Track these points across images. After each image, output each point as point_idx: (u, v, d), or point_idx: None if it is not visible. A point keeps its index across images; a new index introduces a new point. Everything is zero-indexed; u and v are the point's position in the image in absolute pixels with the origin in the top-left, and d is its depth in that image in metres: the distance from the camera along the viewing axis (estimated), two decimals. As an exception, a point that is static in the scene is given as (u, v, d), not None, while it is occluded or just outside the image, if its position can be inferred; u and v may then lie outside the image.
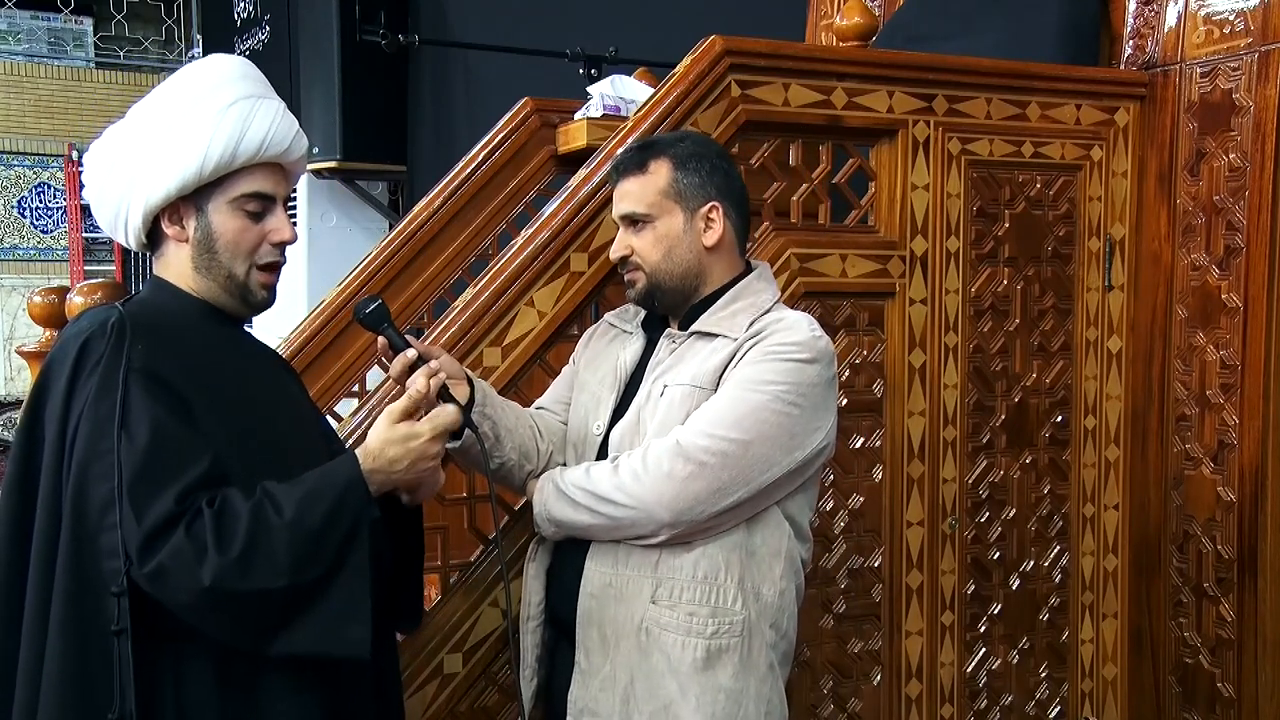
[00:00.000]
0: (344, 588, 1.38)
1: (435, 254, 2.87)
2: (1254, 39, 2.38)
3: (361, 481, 1.42)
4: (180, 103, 1.47)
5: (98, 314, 1.45)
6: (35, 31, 7.88)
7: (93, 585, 1.34)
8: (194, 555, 1.31)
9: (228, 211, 1.48)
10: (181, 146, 1.43)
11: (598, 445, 1.77)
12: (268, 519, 1.35)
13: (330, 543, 1.37)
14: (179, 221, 1.48)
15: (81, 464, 1.35)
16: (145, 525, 1.31)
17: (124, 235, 1.51)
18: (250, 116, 1.47)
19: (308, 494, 1.38)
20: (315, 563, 1.36)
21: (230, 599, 1.33)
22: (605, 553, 1.69)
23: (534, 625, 1.79)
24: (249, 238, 1.49)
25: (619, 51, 3.24)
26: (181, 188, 1.44)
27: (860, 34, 2.42)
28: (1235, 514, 2.44)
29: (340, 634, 1.38)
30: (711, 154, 1.78)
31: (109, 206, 1.50)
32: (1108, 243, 2.59)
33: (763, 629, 1.68)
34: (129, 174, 1.46)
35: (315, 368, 2.78)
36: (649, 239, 1.75)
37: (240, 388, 1.50)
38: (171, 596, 1.33)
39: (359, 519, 1.39)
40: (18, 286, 7.88)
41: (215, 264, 1.49)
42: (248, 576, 1.33)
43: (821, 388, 1.69)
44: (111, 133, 1.51)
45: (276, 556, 1.34)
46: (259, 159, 1.48)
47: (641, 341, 1.83)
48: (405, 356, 1.62)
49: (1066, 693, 2.62)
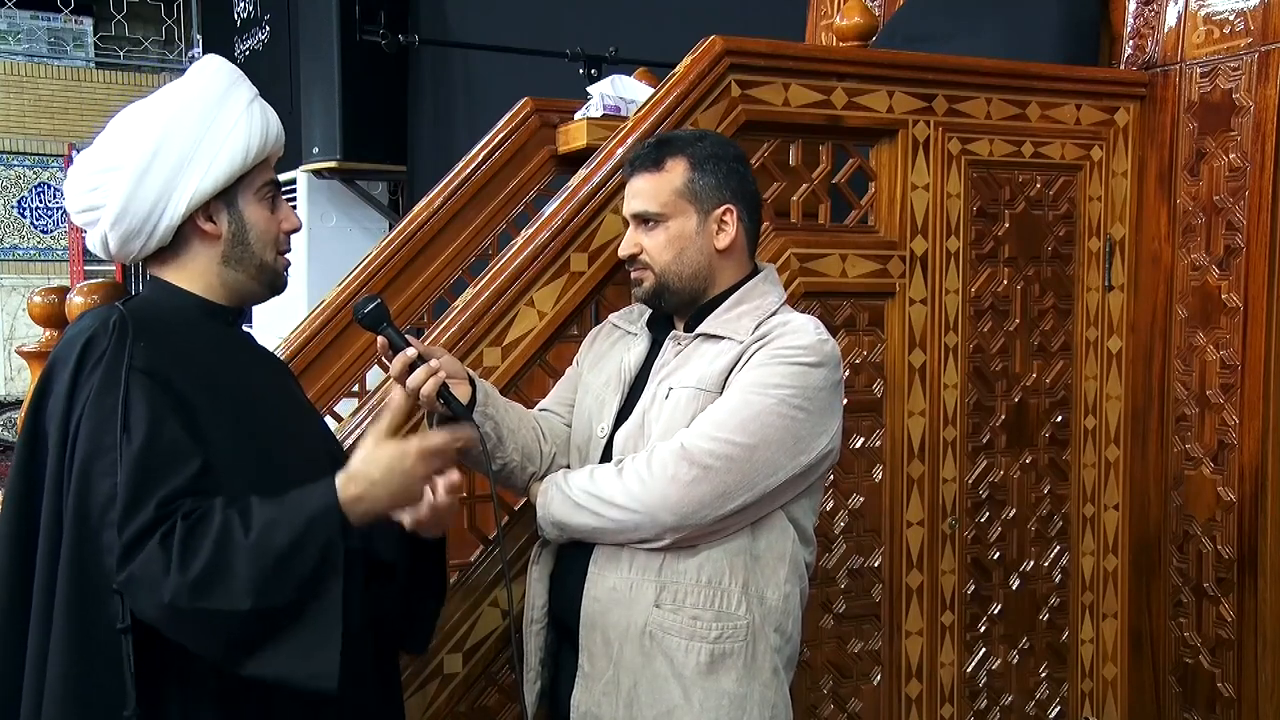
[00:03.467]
0: (314, 618, 1.35)
1: (435, 254, 2.87)
2: (1254, 39, 2.38)
3: (334, 510, 1.37)
4: (208, 101, 1.49)
5: (99, 313, 1.45)
6: (35, 31, 7.88)
7: (96, 583, 1.34)
8: (160, 569, 1.31)
9: (255, 202, 1.53)
10: (224, 140, 1.47)
11: (602, 447, 1.76)
12: (233, 539, 1.32)
13: (296, 570, 1.34)
14: (210, 219, 1.50)
15: (84, 461, 1.35)
16: (125, 535, 1.32)
17: (141, 241, 1.49)
18: (266, 112, 1.54)
19: (274, 518, 1.35)
20: (279, 588, 1.33)
21: (189, 617, 1.32)
22: (609, 556, 1.67)
23: (537, 629, 1.78)
24: (273, 226, 1.55)
25: (619, 51, 3.24)
26: (229, 178, 1.48)
27: (860, 34, 2.42)
28: (1235, 514, 2.44)
29: (305, 665, 1.34)
30: (729, 156, 1.76)
31: (139, 209, 1.47)
32: (1108, 243, 2.59)
33: (767, 633, 1.67)
34: (170, 170, 1.46)
35: (315, 368, 2.78)
36: (660, 239, 1.72)
37: (244, 388, 1.50)
38: (138, 609, 1.33)
39: (328, 548, 1.35)
40: (18, 286, 7.89)
41: (248, 255, 1.53)
42: (205, 597, 1.31)
43: (827, 392, 1.68)
44: (122, 138, 1.49)
45: (237, 579, 1.31)
46: (268, 151, 1.54)
47: (646, 343, 1.82)
48: (405, 355, 1.61)
49: (1066, 693, 2.62)
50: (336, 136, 4.57)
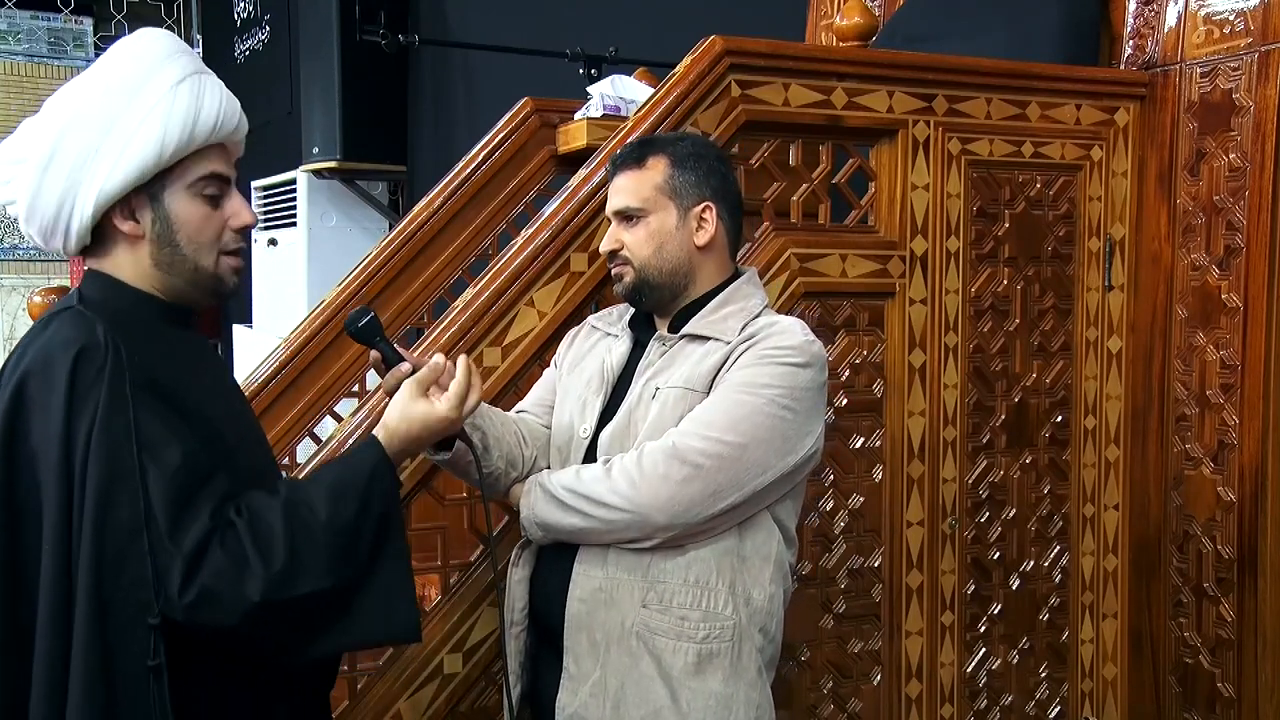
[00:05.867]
0: (386, 573, 1.37)
1: (435, 254, 2.87)
2: (1254, 39, 2.38)
3: (387, 463, 1.41)
4: (122, 84, 1.33)
5: (76, 321, 1.33)
6: (35, 31, 7.88)
7: (120, 619, 1.25)
8: (237, 572, 1.26)
9: (186, 199, 1.36)
10: (136, 129, 1.31)
11: (584, 448, 1.75)
12: (305, 521, 1.32)
13: (367, 533, 1.36)
14: (132, 216, 1.35)
15: (101, 488, 1.25)
16: (185, 549, 1.25)
17: (60, 239, 1.35)
18: (201, 94, 1.35)
19: (336, 488, 1.36)
20: (354, 555, 1.35)
21: (282, 609, 1.30)
22: (594, 557, 1.67)
23: (518, 631, 1.78)
24: (212, 225, 1.39)
25: (619, 51, 3.24)
26: (141, 174, 1.32)
27: (860, 34, 2.42)
28: (1235, 514, 2.44)
29: (390, 619, 1.38)
30: (710, 155, 1.78)
31: (45, 207, 1.34)
32: (1108, 243, 2.59)
33: (752, 633, 1.67)
34: (72, 166, 1.31)
35: (315, 368, 2.78)
36: (641, 234, 1.74)
37: (207, 392, 1.44)
38: (218, 619, 1.27)
39: (389, 502, 1.39)
40: (18, 286, 7.88)
41: (179, 258, 1.38)
42: (296, 583, 1.29)
43: (814, 392, 1.69)
44: (33, 126, 1.35)
45: (319, 558, 1.31)
46: (212, 139, 1.36)
47: (628, 344, 1.82)
48: (399, 371, 1.58)
49: (1066, 693, 2.62)
50: (336, 136, 4.56)
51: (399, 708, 1.93)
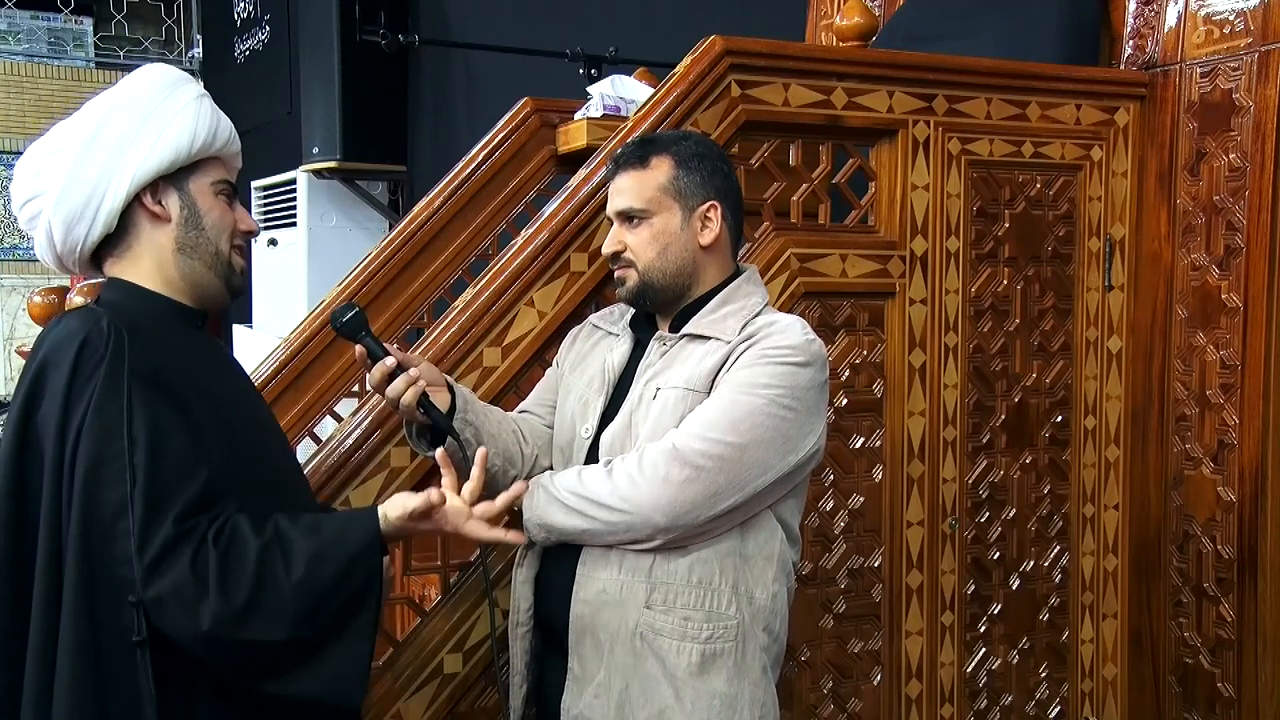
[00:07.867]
0: (346, 644, 1.39)
1: (435, 254, 2.87)
2: (1254, 39, 2.38)
3: (378, 543, 1.42)
4: (153, 87, 1.47)
5: (85, 315, 1.40)
6: (35, 31, 7.87)
7: (106, 592, 1.31)
8: (195, 595, 1.30)
9: (209, 194, 1.50)
10: (173, 117, 1.45)
11: (586, 448, 1.75)
12: (275, 573, 1.33)
13: (336, 602, 1.37)
14: (160, 201, 1.46)
15: (89, 469, 1.31)
16: (147, 554, 1.29)
17: (85, 227, 1.44)
18: (217, 113, 1.51)
19: (320, 551, 1.37)
20: (319, 619, 1.36)
21: (227, 645, 1.32)
22: (598, 558, 1.67)
23: (523, 631, 1.78)
24: (229, 218, 1.52)
25: (619, 51, 3.24)
26: (175, 159, 1.44)
27: (860, 34, 2.42)
28: (1235, 514, 2.44)
29: (335, 686, 1.39)
30: (713, 155, 1.77)
31: (78, 191, 1.42)
32: (1108, 243, 2.59)
33: (756, 632, 1.67)
34: (114, 146, 1.42)
35: (315, 368, 2.78)
36: (645, 235, 1.72)
37: (224, 392, 1.48)
38: (168, 629, 1.31)
39: (370, 579, 1.40)
40: (18, 286, 7.88)
41: (203, 240, 1.48)
42: (247, 627, 1.31)
43: (815, 391, 1.68)
44: (70, 123, 1.47)
45: (280, 612, 1.33)
46: (221, 151, 1.51)
47: (629, 343, 1.81)
48: (384, 365, 1.60)
49: (1066, 693, 2.62)
50: (336, 136, 4.56)
51: (399, 708, 1.93)
